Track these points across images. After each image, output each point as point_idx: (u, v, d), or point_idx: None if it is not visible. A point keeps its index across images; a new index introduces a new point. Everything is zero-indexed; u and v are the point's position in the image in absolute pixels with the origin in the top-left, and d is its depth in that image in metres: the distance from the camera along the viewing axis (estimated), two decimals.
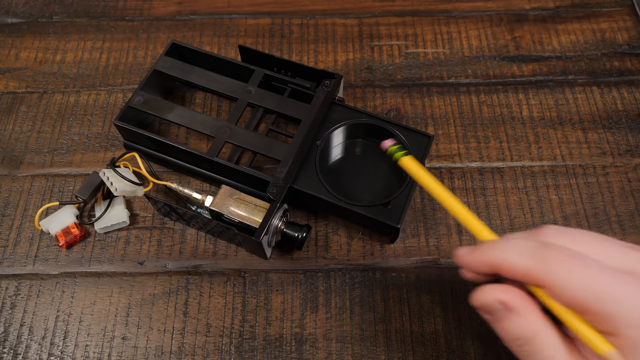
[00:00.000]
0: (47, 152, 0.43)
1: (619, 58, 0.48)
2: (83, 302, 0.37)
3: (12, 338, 0.36)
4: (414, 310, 0.36)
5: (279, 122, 0.44)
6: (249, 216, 0.36)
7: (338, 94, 0.42)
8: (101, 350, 0.35)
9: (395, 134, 0.39)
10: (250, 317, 0.36)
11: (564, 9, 0.51)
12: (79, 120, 0.45)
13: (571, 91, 0.46)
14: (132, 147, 0.42)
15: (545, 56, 0.48)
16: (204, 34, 0.50)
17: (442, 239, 0.39)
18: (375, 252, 0.38)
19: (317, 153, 0.38)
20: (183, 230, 0.40)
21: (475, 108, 0.45)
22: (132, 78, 0.47)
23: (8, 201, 0.41)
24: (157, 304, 0.37)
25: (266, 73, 0.42)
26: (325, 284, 0.37)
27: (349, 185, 0.39)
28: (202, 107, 0.46)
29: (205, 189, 0.41)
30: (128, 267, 0.38)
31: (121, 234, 0.39)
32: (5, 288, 0.37)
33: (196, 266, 0.38)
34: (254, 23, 0.51)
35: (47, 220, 0.38)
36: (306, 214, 0.40)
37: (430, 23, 0.50)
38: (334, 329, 0.36)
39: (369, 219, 0.36)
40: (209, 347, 0.35)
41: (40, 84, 0.47)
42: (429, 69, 0.47)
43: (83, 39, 0.50)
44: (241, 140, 0.39)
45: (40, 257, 0.39)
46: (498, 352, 0.35)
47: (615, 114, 0.45)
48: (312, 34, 0.50)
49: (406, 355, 0.35)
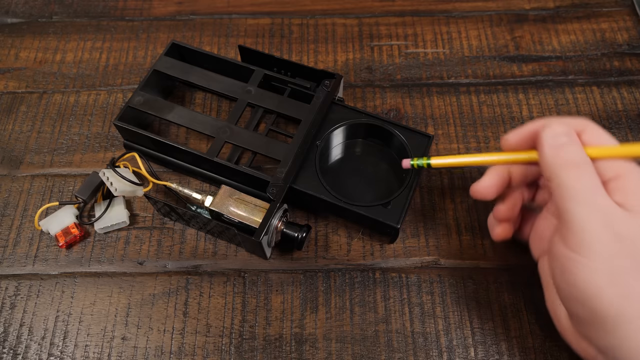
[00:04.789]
0: (47, 152, 0.43)
1: (619, 58, 0.48)
2: (83, 302, 0.37)
3: (12, 338, 0.36)
4: (414, 310, 0.36)
5: (279, 122, 0.44)
6: (248, 216, 0.36)
7: (338, 94, 0.42)
8: (101, 350, 0.35)
9: (395, 134, 0.39)
10: (250, 317, 0.36)
11: (564, 9, 0.51)
12: (79, 120, 0.45)
13: (571, 91, 0.46)
14: (132, 147, 0.42)
15: (545, 56, 0.48)
16: (204, 34, 0.50)
17: (442, 239, 0.39)
18: (375, 252, 0.38)
19: (317, 153, 0.38)
20: (183, 231, 0.40)
21: (475, 108, 0.45)
22: (132, 78, 0.47)
23: (8, 201, 0.41)
24: (157, 304, 0.37)
25: (266, 73, 0.42)
26: (325, 284, 0.37)
27: (349, 185, 0.39)
28: (202, 107, 0.46)
29: (205, 189, 0.41)
30: (128, 267, 0.38)
31: (121, 234, 0.39)
32: (5, 288, 0.37)
33: (196, 266, 0.38)
34: (254, 23, 0.51)
35: (47, 221, 0.38)
36: (306, 214, 0.40)
37: (430, 23, 0.50)
38: (334, 329, 0.36)
39: (369, 219, 0.36)
40: (208, 347, 0.35)
41: (40, 84, 0.47)
42: (429, 69, 0.47)
43: (83, 39, 0.50)
44: (241, 140, 0.39)
45: (40, 257, 0.39)
46: (499, 351, 0.35)
47: (615, 114, 0.45)
48: (312, 34, 0.50)
49: (406, 355, 0.35)
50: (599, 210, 0.26)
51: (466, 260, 0.38)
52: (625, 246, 0.26)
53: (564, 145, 0.28)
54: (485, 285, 0.37)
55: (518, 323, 0.36)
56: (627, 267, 0.25)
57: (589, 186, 0.27)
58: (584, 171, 0.27)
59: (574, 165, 0.28)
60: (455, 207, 0.40)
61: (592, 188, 0.27)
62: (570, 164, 0.28)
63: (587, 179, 0.27)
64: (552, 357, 0.34)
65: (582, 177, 0.27)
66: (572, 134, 0.29)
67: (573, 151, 0.28)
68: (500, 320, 0.36)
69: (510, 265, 0.38)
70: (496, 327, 0.36)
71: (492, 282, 0.37)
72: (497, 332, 0.35)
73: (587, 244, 0.26)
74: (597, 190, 0.27)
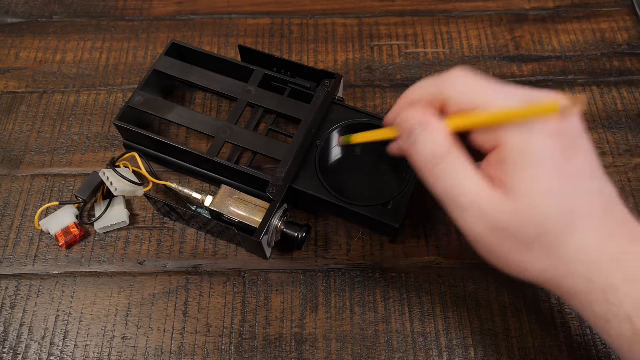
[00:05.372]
0: (47, 152, 0.43)
1: (619, 58, 0.48)
2: (83, 302, 0.37)
3: (12, 338, 0.36)
4: (414, 310, 0.36)
5: (279, 122, 0.44)
6: (249, 216, 0.36)
7: (338, 94, 0.42)
8: (101, 350, 0.35)
9: None
10: (250, 317, 0.36)
11: (564, 9, 0.51)
12: (79, 120, 0.45)
13: (571, 91, 0.46)
14: (132, 147, 0.42)
15: (545, 56, 0.48)
16: (204, 34, 0.50)
17: (442, 239, 0.39)
18: (375, 252, 0.38)
19: (317, 153, 0.38)
20: (183, 230, 0.40)
21: None
22: (132, 78, 0.47)
23: (8, 201, 0.41)
24: (157, 304, 0.37)
25: (266, 73, 0.42)
26: (325, 284, 0.37)
27: (349, 185, 0.39)
28: (202, 107, 0.46)
29: (205, 189, 0.41)
30: (128, 267, 0.38)
31: (121, 234, 0.39)
32: (5, 288, 0.37)
33: (196, 266, 0.38)
34: (254, 23, 0.51)
35: (47, 220, 0.38)
36: (306, 214, 0.40)
37: (430, 23, 0.50)
38: (334, 329, 0.36)
39: (369, 219, 0.36)
40: (208, 347, 0.35)
41: (40, 84, 0.47)
42: (429, 69, 0.47)
43: (83, 39, 0.50)
44: (241, 140, 0.39)
45: (40, 257, 0.39)
46: (499, 351, 0.35)
47: (615, 114, 0.45)
48: (312, 34, 0.50)
49: (406, 355, 0.35)
50: (465, 210, 0.25)
51: (466, 260, 0.38)
52: (500, 236, 0.25)
53: (417, 140, 0.25)
54: (485, 285, 0.37)
55: (518, 323, 0.36)
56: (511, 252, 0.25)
57: (448, 187, 0.25)
58: (441, 171, 0.25)
59: (430, 165, 0.25)
60: None
61: (451, 188, 0.25)
62: (427, 164, 0.25)
63: (446, 179, 0.25)
64: (552, 357, 0.34)
65: (440, 179, 0.25)
66: (426, 117, 0.26)
67: (425, 145, 0.25)
68: (500, 320, 0.36)
69: None
70: (496, 327, 0.36)
71: (492, 282, 0.37)
72: (497, 332, 0.35)
73: (472, 240, 0.26)
74: (457, 188, 0.25)
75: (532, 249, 0.25)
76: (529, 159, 0.24)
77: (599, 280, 0.24)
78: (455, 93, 0.26)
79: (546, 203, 0.24)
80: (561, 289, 0.26)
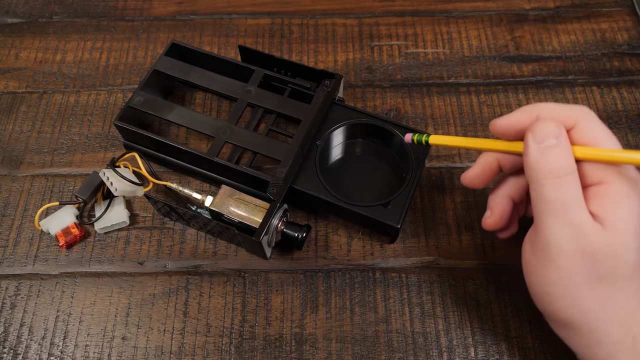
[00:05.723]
0: (47, 152, 0.43)
1: (619, 58, 0.48)
2: (83, 302, 0.37)
3: (12, 338, 0.36)
4: (414, 310, 0.36)
5: (279, 122, 0.44)
6: (249, 216, 0.36)
7: (338, 94, 0.42)
8: (101, 350, 0.35)
9: (395, 134, 0.39)
10: (250, 317, 0.36)
11: (564, 9, 0.51)
12: (79, 120, 0.45)
13: (571, 91, 0.46)
14: (132, 147, 0.42)
15: (545, 56, 0.48)
16: (204, 34, 0.50)
17: (442, 239, 0.39)
18: (375, 252, 0.38)
19: (317, 153, 0.38)
20: (183, 230, 0.40)
21: (475, 108, 0.45)
22: (132, 78, 0.47)
23: (8, 201, 0.41)
24: (157, 304, 0.37)
25: (266, 73, 0.42)
26: (325, 284, 0.37)
27: (349, 185, 0.39)
28: (202, 107, 0.46)
29: (205, 189, 0.41)
30: (128, 267, 0.38)
31: (121, 234, 0.39)
32: (5, 288, 0.38)
33: (196, 266, 0.38)
34: (254, 23, 0.51)
35: (47, 220, 0.38)
36: (306, 214, 0.40)
37: (430, 23, 0.50)
38: (334, 329, 0.36)
39: (369, 219, 0.36)
40: (209, 347, 0.35)
41: (40, 84, 0.47)
42: (429, 69, 0.47)
43: (83, 39, 0.50)
44: (241, 140, 0.39)
45: (40, 257, 0.39)
46: (499, 351, 0.35)
47: (615, 114, 0.45)
48: (312, 34, 0.50)
49: (406, 355, 0.35)
50: (570, 225, 0.26)
51: (466, 260, 0.38)
52: (585, 262, 0.26)
53: (550, 148, 0.27)
54: (485, 285, 0.37)
55: (518, 323, 0.36)
56: (579, 282, 0.26)
57: (566, 199, 0.26)
58: (564, 183, 0.26)
59: (555, 174, 0.26)
60: (455, 207, 0.40)
61: (568, 202, 0.26)
62: (552, 172, 0.26)
63: (566, 191, 0.26)
64: (552, 357, 0.34)
65: (562, 189, 0.26)
66: (561, 134, 0.27)
67: (558, 156, 0.27)
68: (500, 320, 0.36)
69: (510, 265, 0.38)
70: (496, 327, 0.36)
71: (492, 282, 0.37)
72: (497, 332, 0.35)
73: (549, 257, 0.27)
74: (574, 204, 0.26)
75: (599, 285, 0.26)
76: (631, 202, 0.26)
77: (633, 329, 0.27)
78: (586, 124, 0.28)
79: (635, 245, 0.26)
80: (592, 333, 0.28)
